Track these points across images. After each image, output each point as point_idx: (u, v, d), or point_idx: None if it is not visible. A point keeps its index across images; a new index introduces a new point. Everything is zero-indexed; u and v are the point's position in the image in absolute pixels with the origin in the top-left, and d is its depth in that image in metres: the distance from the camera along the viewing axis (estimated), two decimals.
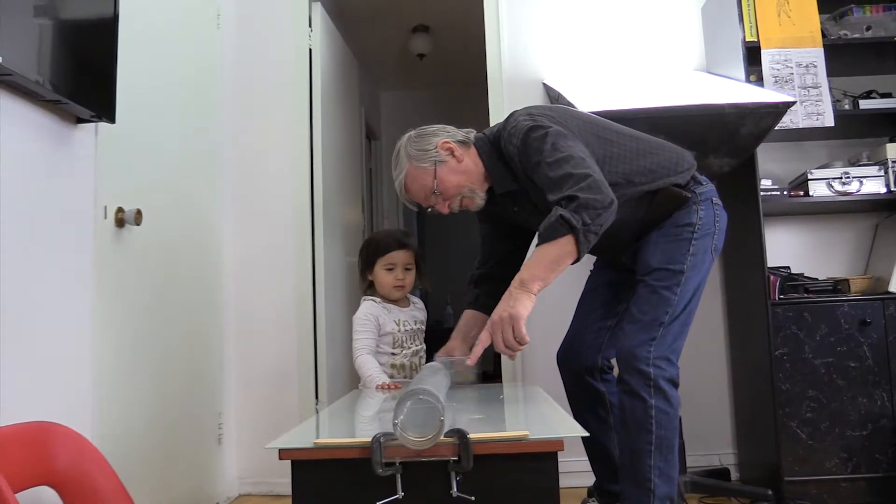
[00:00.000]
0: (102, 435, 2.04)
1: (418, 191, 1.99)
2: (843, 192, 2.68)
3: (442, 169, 1.94)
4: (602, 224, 1.70)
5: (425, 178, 1.95)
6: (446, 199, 1.98)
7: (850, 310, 2.55)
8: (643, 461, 1.76)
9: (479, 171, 1.99)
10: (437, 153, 1.95)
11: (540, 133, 1.80)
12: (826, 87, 2.66)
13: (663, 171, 1.90)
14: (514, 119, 1.91)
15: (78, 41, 1.91)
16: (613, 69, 3.10)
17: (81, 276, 2.00)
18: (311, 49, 3.23)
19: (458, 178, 1.96)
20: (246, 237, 3.12)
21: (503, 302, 1.72)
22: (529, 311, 1.70)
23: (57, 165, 1.91)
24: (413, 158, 1.97)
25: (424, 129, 2.02)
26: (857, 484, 2.48)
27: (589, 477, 2.28)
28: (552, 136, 1.78)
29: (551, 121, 1.84)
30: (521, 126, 1.85)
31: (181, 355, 2.59)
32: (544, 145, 1.78)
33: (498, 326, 1.70)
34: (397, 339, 2.35)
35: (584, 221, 1.67)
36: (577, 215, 1.67)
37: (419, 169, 1.96)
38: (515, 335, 1.68)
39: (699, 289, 1.91)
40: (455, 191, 1.97)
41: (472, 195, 1.99)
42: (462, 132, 2.03)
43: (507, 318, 1.68)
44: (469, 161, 1.98)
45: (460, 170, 1.96)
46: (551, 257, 1.71)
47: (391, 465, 1.15)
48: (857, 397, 2.51)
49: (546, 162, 1.77)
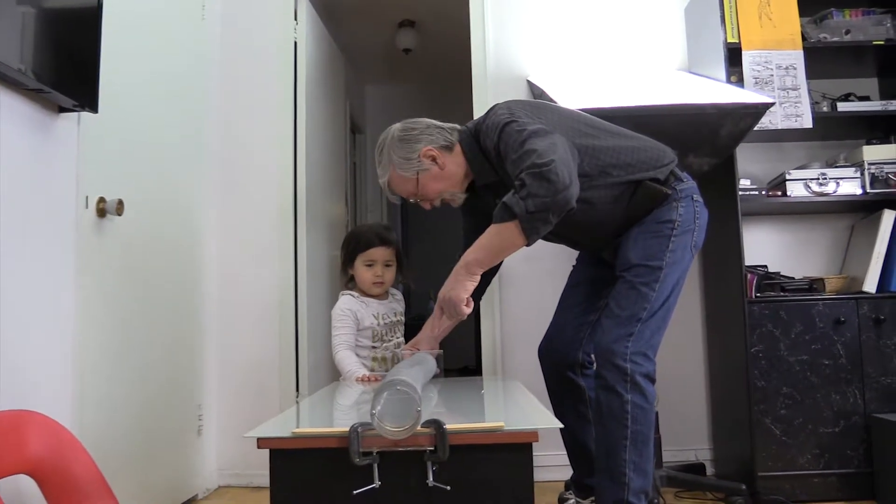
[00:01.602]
0: (83, 425, 2.04)
1: (401, 192, 2.08)
2: (820, 193, 2.72)
3: (424, 176, 2.01)
4: (550, 210, 1.68)
5: (408, 185, 2.03)
6: (427, 200, 2.06)
7: (824, 308, 2.59)
8: (619, 455, 1.78)
9: (461, 173, 2.04)
10: (420, 163, 2.00)
11: (515, 128, 1.82)
12: (805, 89, 2.70)
13: (642, 166, 1.91)
14: (494, 113, 1.94)
15: (61, 30, 1.90)
16: (597, 67, 3.12)
17: (62, 266, 2.00)
18: (296, 42, 3.22)
19: (439, 185, 2.03)
20: (229, 229, 3.11)
21: (449, 280, 1.90)
22: (470, 291, 1.89)
23: (38, 155, 1.90)
24: (396, 165, 2.02)
25: (410, 129, 2.03)
26: (829, 479, 2.53)
27: (567, 470, 2.31)
28: (527, 132, 1.79)
29: (529, 116, 1.86)
30: (499, 120, 1.88)
31: (162, 346, 2.58)
32: (515, 140, 1.80)
33: (443, 304, 1.92)
34: (377, 332, 2.37)
35: (528, 209, 1.68)
36: (522, 202, 1.69)
37: (402, 177, 2.03)
38: (457, 312, 1.90)
39: (678, 285, 1.92)
40: (436, 195, 2.05)
41: (452, 197, 2.06)
42: (447, 129, 2.05)
43: (448, 299, 1.89)
44: (452, 166, 2.02)
45: (443, 176, 2.02)
46: (496, 242, 1.81)
47: (369, 455, 1.17)
48: (831, 394, 2.56)
49: (511, 158, 1.80)
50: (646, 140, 1.98)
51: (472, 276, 1.86)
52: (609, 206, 1.91)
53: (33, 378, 1.84)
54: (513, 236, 1.74)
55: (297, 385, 3.10)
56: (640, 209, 1.93)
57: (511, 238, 1.75)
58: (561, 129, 1.86)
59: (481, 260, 1.84)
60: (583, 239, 2.11)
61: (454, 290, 1.87)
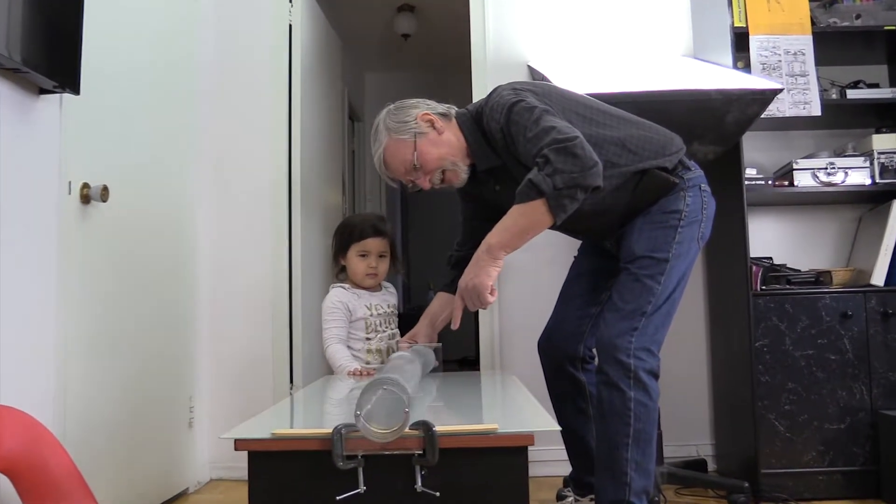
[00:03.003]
0: (66, 419, 1.98)
1: (398, 165, 1.93)
2: (827, 183, 2.65)
3: (422, 141, 1.89)
4: (579, 187, 1.62)
5: (405, 151, 1.90)
6: (426, 172, 1.92)
7: (831, 302, 2.52)
8: (620, 454, 1.72)
9: (460, 145, 1.93)
10: (417, 124, 1.90)
11: (525, 106, 1.75)
12: (814, 75, 2.62)
13: (648, 154, 1.84)
14: (497, 94, 1.86)
15: (41, 8, 1.82)
16: (600, 53, 3.04)
17: (44, 254, 1.93)
18: (290, 25, 3.14)
19: (438, 151, 1.90)
20: (221, 217, 3.04)
21: (470, 267, 1.78)
22: (494, 278, 1.76)
23: (17, 138, 1.83)
24: (392, 131, 1.91)
25: (404, 101, 1.97)
26: (834, 477, 2.47)
27: (565, 466, 2.25)
28: (539, 110, 1.73)
29: (535, 97, 1.79)
30: (505, 101, 1.80)
31: (151, 338, 2.51)
32: (527, 119, 1.73)
33: (465, 294, 1.79)
34: (370, 323, 2.31)
35: (556, 185, 1.61)
36: (549, 179, 1.62)
37: (398, 141, 1.90)
38: (481, 301, 1.77)
39: (684, 278, 1.85)
40: (436, 164, 1.91)
41: (454, 168, 1.93)
42: (443, 106, 1.97)
43: (472, 287, 1.76)
44: (450, 134, 1.93)
45: (441, 142, 1.91)
46: (521, 223, 1.71)
47: (353, 458, 1.10)
48: (837, 390, 2.49)
49: (526, 136, 1.72)
50: (653, 127, 1.90)
51: (496, 262, 1.75)
52: (613, 194, 1.83)
53: (11, 371, 1.77)
54: (539, 215, 1.66)
55: (291, 377, 3.03)
56: (645, 198, 1.86)
57: (538, 217, 1.67)
58: (565, 113, 1.79)
59: (505, 242, 1.73)
60: (584, 228, 2.02)
61: (478, 276, 1.75)
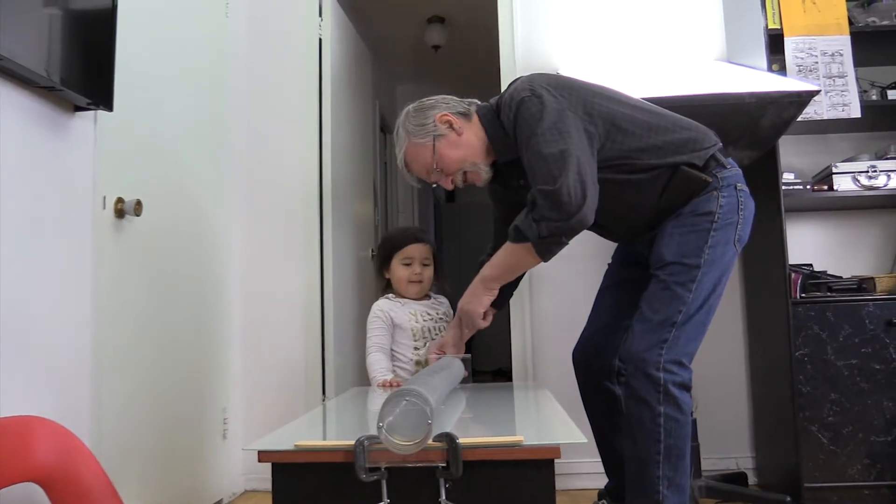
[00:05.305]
0: (101, 430, 2.00)
1: (419, 168, 1.94)
2: (869, 187, 2.57)
3: (440, 143, 1.88)
4: (562, 234, 1.68)
5: (424, 154, 1.90)
6: (447, 174, 1.92)
7: (875, 309, 2.44)
8: (651, 472, 1.66)
9: (481, 144, 1.91)
10: (435, 127, 1.89)
11: (534, 108, 1.72)
12: (853, 76, 2.55)
13: (676, 149, 1.77)
14: (514, 87, 1.83)
15: (75, 27, 1.86)
16: (630, 59, 3.00)
17: (80, 268, 1.96)
18: (321, 39, 3.17)
19: (457, 153, 1.89)
20: (253, 230, 3.07)
21: (467, 293, 1.94)
22: (486, 305, 1.93)
23: (54, 154, 1.86)
24: (411, 134, 1.92)
25: (423, 101, 1.96)
26: (881, 491, 2.38)
27: (600, 478, 2.21)
28: (547, 116, 1.70)
29: (552, 94, 1.74)
30: (518, 95, 1.77)
31: (185, 349, 2.54)
32: (535, 126, 1.70)
33: (462, 315, 1.97)
34: (416, 331, 2.29)
35: (540, 234, 1.69)
36: (535, 225, 1.69)
37: (417, 145, 1.91)
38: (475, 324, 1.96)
39: (720, 285, 1.76)
40: (456, 165, 1.90)
41: (475, 169, 1.92)
42: (464, 103, 1.95)
43: (465, 312, 1.94)
44: (470, 133, 1.91)
45: (460, 143, 1.89)
46: (510, 262, 1.84)
47: (376, 471, 1.08)
48: (882, 401, 2.41)
49: (532, 150, 1.70)
50: (685, 121, 1.83)
51: (489, 291, 1.89)
52: (640, 193, 1.78)
53: (51, 384, 1.80)
54: (528, 257, 1.76)
55: (324, 387, 3.04)
56: (675, 198, 1.78)
57: (525, 258, 1.78)
58: (585, 107, 1.74)
59: (497, 276, 1.88)
60: (611, 224, 1.94)
61: (471, 303, 1.92)
